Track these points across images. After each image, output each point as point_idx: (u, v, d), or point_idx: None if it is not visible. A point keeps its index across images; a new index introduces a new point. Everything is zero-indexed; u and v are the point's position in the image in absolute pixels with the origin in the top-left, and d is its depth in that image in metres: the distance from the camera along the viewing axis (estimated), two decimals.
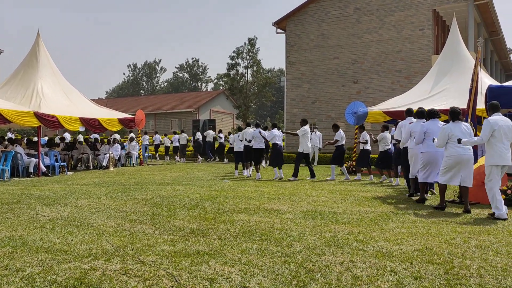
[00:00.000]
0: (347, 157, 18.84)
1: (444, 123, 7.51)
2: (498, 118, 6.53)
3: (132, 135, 20.03)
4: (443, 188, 7.21)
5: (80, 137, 23.99)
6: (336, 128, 12.67)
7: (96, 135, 24.03)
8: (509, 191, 7.47)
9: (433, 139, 7.57)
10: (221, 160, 21.90)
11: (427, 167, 7.95)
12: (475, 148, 8.00)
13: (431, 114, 8.15)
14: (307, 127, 12.28)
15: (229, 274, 3.70)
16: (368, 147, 12.45)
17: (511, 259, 4.16)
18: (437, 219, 6.24)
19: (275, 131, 13.01)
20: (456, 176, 7.04)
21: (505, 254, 4.34)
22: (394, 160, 10.79)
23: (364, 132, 12.59)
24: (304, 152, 12.22)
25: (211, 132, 21.96)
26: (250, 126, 14.31)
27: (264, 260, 4.12)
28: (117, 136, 22.14)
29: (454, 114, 7.09)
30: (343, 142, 12.52)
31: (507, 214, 6.33)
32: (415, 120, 8.78)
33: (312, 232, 5.32)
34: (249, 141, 13.05)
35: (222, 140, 22.03)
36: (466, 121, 8.03)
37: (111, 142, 18.35)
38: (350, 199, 8.23)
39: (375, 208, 7.25)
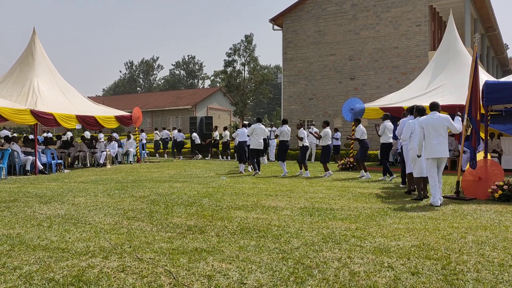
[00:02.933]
0: (344, 153, 18.97)
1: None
2: (427, 117, 7.24)
3: (130, 134, 20.00)
4: (417, 181, 7.89)
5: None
6: (283, 122, 12.98)
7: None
8: (505, 187, 7.51)
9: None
10: (215, 157, 21.94)
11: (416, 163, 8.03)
12: (473, 145, 8.02)
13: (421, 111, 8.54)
14: (255, 125, 12.92)
15: (227, 271, 3.71)
16: (307, 143, 12.75)
17: (508, 254, 4.18)
18: (434, 215, 6.26)
19: (240, 130, 14.01)
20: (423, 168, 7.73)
21: (501, 249, 4.36)
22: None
23: (301, 129, 12.74)
24: (251, 148, 12.95)
25: (175, 132, 22.87)
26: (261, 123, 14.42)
27: (262, 256, 4.12)
28: (115, 135, 22.21)
29: (420, 111, 7.89)
30: (287, 138, 12.71)
31: (440, 203, 7.01)
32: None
33: (310, 228, 5.33)
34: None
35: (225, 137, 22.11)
36: (463, 117, 8.04)
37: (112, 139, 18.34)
38: (348, 196, 8.25)
39: (372, 204, 7.27)
